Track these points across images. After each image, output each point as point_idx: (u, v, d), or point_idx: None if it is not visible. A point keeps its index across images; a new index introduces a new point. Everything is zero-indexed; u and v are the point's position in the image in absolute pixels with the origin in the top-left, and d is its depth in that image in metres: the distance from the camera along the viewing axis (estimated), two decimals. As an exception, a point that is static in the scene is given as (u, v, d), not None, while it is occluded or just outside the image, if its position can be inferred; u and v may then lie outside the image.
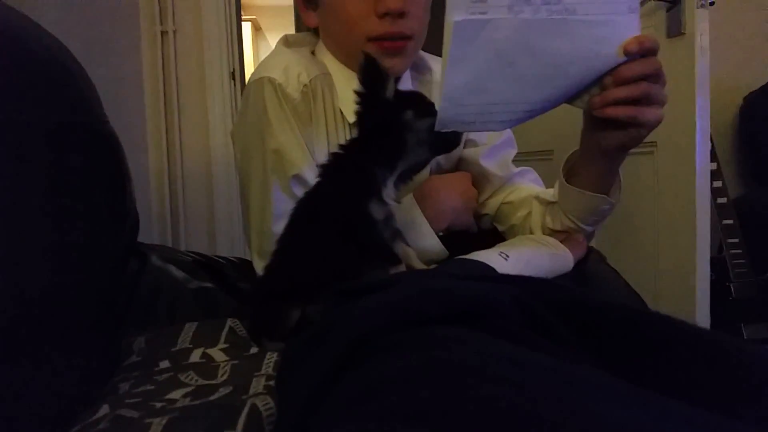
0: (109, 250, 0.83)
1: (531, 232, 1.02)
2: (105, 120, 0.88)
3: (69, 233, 0.73)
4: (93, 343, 0.72)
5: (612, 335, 0.45)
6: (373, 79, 0.77)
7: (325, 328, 0.46)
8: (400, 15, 0.90)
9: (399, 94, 0.80)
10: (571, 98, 0.74)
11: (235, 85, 2.35)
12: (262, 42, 6.87)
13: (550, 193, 0.98)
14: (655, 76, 0.73)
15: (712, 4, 1.65)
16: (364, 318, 0.43)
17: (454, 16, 0.63)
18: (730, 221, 2.04)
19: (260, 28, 6.76)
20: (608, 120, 0.74)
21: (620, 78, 0.71)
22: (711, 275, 1.74)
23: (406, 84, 1.04)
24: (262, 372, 0.63)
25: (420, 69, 1.08)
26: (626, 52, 0.70)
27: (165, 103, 2.25)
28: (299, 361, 0.46)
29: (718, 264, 1.97)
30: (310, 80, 0.95)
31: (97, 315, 0.76)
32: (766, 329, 1.98)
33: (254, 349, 0.71)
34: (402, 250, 0.83)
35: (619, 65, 0.70)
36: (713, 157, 1.91)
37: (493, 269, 0.79)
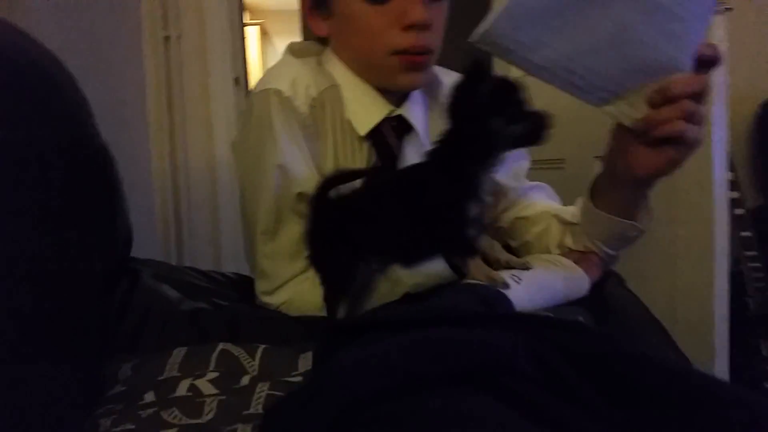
0: (95, 271, 0.79)
1: (548, 250, 0.97)
2: (94, 133, 0.84)
3: (49, 254, 0.68)
4: (74, 373, 0.67)
5: (635, 392, 0.40)
6: (477, 78, 0.72)
7: (311, 391, 0.40)
8: (425, 28, 0.87)
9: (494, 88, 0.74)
10: (605, 99, 0.69)
11: (239, 91, 2.32)
12: (269, 47, 6.86)
13: (570, 212, 0.93)
14: (702, 95, 0.69)
15: (729, 9, 1.60)
16: (353, 382, 0.38)
17: None
18: (748, 233, 1.98)
19: (267, 33, 6.75)
20: (647, 140, 0.70)
21: (669, 94, 0.66)
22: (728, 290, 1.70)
23: (417, 99, 1.00)
24: (251, 410, 0.58)
25: (431, 84, 1.03)
26: (702, 56, 0.67)
27: (168, 109, 2.22)
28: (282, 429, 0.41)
29: (735, 278, 1.91)
30: (319, 93, 0.91)
31: (80, 342, 0.72)
32: (786, 346, 1.92)
33: (245, 380, 0.66)
34: (486, 242, 0.82)
35: (669, 77, 0.66)
36: (730, 166, 1.85)
37: (504, 295, 0.74)
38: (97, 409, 0.65)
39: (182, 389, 0.64)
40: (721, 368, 1.70)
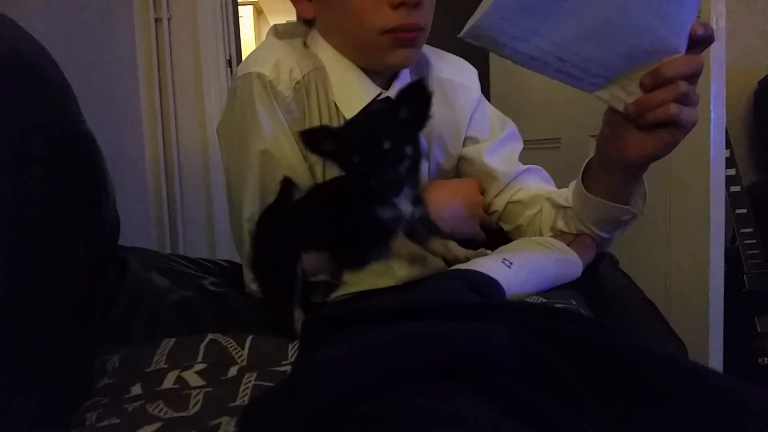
0: (80, 259, 0.78)
1: (540, 233, 0.96)
2: (77, 120, 0.83)
3: (32, 243, 0.67)
4: (61, 366, 0.67)
5: (627, 386, 0.39)
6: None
7: (287, 390, 0.39)
8: (416, 5, 0.84)
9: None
10: (598, 85, 0.68)
11: (231, 73, 2.30)
12: (265, 26, 6.78)
13: (563, 196, 0.91)
14: (696, 76, 0.67)
15: (728, -14, 1.58)
16: (331, 380, 0.37)
17: None
18: (744, 210, 1.97)
19: (262, 12, 6.67)
20: (639, 124, 0.69)
21: (662, 77, 0.65)
22: (724, 267, 1.69)
23: (405, 78, 0.97)
24: (237, 402, 0.58)
25: (419, 64, 1.01)
26: (694, 36, 0.65)
27: (160, 92, 2.21)
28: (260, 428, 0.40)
29: (731, 255, 1.91)
30: (303, 76, 0.89)
31: (66, 333, 0.71)
32: (781, 322, 1.92)
33: (233, 371, 0.65)
34: (438, 243, 0.83)
35: (662, 60, 0.65)
36: (726, 143, 1.84)
37: (495, 281, 0.73)
38: (84, 402, 0.65)
39: (169, 381, 0.63)
40: (716, 345, 1.71)
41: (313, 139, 0.76)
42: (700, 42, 0.66)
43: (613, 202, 0.82)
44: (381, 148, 0.72)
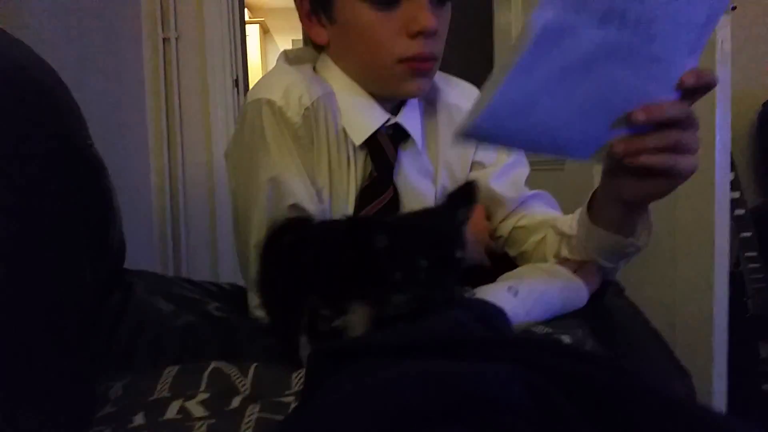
0: (88, 285, 0.78)
1: (545, 259, 0.96)
2: (85, 144, 0.83)
3: (40, 269, 0.67)
4: (63, 394, 0.67)
5: (634, 428, 0.39)
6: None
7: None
8: (432, 34, 0.85)
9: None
10: (592, 153, 0.68)
11: (238, 92, 2.32)
12: (271, 44, 6.85)
13: (568, 223, 0.92)
14: (687, 122, 0.66)
15: (734, 8, 1.59)
16: (334, 427, 0.36)
17: (545, 14, 0.53)
18: (748, 234, 1.97)
19: (268, 30, 6.74)
20: (633, 168, 0.68)
21: (649, 115, 0.63)
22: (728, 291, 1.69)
23: (413, 106, 0.98)
24: (241, 437, 0.58)
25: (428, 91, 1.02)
26: (681, 85, 0.63)
27: (167, 112, 2.23)
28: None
29: (734, 278, 1.90)
30: (312, 102, 0.89)
31: (70, 360, 0.71)
32: (785, 348, 1.91)
33: (236, 401, 0.65)
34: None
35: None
36: (731, 166, 1.84)
37: (501, 311, 0.73)
38: (86, 431, 0.64)
39: (172, 411, 0.63)
40: (719, 370, 1.70)
41: (363, 230, 0.67)
42: (693, 91, 0.64)
43: (616, 234, 0.82)
44: (453, 257, 0.65)
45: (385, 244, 0.64)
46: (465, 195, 0.71)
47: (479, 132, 0.62)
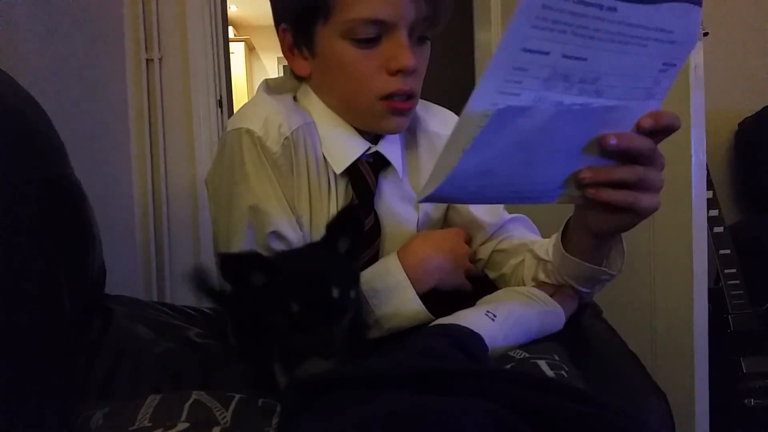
0: (66, 314, 0.78)
1: (523, 283, 0.98)
2: (65, 173, 0.84)
3: (17, 299, 0.67)
4: (41, 426, 0.66)
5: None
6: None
7: None
8: (411, 72, 0.86)
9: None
10: (556, 196, 0.70)
11: (222, 113, 2.32)
12: (256, 62, 6.87)
13: (545, 248, 0.93)
14: (650, 158, 0.68)
15: (706, 34, 1.62)
16: None
17: (491, 99, 0.53)
18: (727, 251, 1.99)
19: (254, 48, 6.77)
20: (599, 203, 0.69)
21: (620, 141, 0.64)
22: (708, 307, 1.70)
23: (394, 139, 0.99)
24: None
25: None
26: (639, 128, 0.64)
27: (150, 132, 2.22)
28: None
29: (715, 295, 1.93)
30: (292, 132, 0.90)
31: (49, 390, 0.70)
32: (765, 362, 1.93)
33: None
34: None
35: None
36: (709, 185, 1.87)
37: (478, 336, 0.74)
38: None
39: (151, 442, 0.63)
40: (701, 386, 1.71)
41: (237, 266, 0.66)
42: (654, 133, 0.65)
43: (588, 262, 0.84)
44: (328, 296, 0.63)
45: (263, 281, 0.63)
46: (345, 224, 0.70)
47: (441, 196, 0.63)
